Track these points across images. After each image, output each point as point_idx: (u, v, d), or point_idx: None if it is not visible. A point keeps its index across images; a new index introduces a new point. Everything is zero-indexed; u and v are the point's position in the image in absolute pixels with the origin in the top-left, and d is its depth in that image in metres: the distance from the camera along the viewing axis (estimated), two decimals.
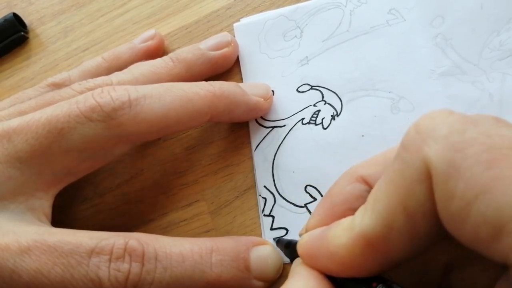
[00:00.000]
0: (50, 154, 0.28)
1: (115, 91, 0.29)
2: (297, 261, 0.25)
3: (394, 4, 0.34)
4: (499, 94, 0.31)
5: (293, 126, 0.34)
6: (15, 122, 0.29)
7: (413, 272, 0.24)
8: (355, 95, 0.33)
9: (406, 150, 0.19)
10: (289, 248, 0.28)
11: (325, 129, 0.33)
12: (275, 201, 0.32)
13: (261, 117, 0.35)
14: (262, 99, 0.34)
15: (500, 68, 0.31)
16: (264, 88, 0.34)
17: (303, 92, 0.34)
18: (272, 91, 0.35)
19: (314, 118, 0.33)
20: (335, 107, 0.33)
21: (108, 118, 0.28)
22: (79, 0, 0.45)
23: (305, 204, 0.32)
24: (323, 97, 0.34)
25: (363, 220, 0.20)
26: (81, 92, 0.32)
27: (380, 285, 0.21)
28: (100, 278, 0.25)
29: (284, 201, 0.32)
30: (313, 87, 0.34)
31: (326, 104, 0.33)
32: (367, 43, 0.34)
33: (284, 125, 0.34)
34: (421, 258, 0.23)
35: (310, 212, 0.32)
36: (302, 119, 0.34)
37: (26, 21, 0.46)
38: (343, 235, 0.21)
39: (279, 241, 0.31)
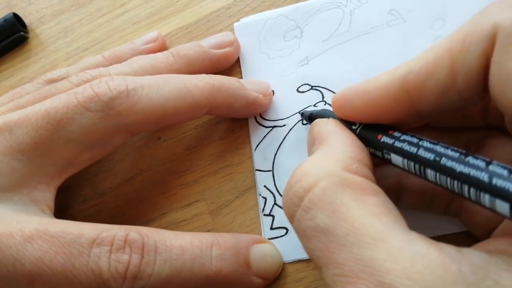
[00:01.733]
0: (51, 145, 0.29)
1: (113, 81, 0.29)
2: (318, 122, 0.27)
3: (394, 5, 0.34)
4: None
5: (293, 126, 0.34)
6: (15, 115, 0.29)
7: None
8: None
9: (482, 14, 0.20)
10: (312, 116, 0.30)
11: None
12: (275, 201, 0.33)
13: (261, 117, 0.35)
14: (261, 95, 0.34)
15: None
16: (264, 85, 0.35)
17: (303, 92, 0.34)
18: (272, 90, 0.35)
19: None
20: None
21: (105, 107, 0.29)
22: (79, 0, 0.45)
23: None
24: (323, 97, 0.34)
25: (408, 64, 0.22)
26: (78, 84, 0.32)
27: (396, 132, 0.23)
28: (100, 268, 0.25)
29: None
30: (313, 87, 0.34)
31: (327, 105, 0.33)
32: (367, 43, 0.34)
33: (284, 125, 0.34)
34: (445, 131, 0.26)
35: None
36: (302, 119, 0.34)
37: (26, 21, 0.46)
38: (385, 76, 0.23)
39: (303, 113, 0.32)
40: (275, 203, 0.33)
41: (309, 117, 0.31)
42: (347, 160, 0.22)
